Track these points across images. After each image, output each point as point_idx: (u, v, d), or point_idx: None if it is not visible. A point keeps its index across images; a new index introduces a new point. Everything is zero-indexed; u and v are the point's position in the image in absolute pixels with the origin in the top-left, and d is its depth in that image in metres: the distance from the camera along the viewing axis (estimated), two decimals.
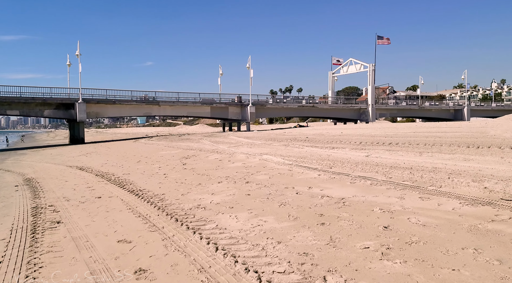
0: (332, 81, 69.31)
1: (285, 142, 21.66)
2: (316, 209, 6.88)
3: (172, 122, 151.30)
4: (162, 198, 8.78)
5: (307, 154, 15.19)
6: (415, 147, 15.29)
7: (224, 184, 9.91)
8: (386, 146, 16.06)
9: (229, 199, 8.07)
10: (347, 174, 10.08)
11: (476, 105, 72.35)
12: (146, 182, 11.37)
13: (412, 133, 19.95)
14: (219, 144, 23.73)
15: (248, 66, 54.28)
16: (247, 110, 53.01)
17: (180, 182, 10.91)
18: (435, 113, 68.74)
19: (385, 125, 40.26)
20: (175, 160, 16.80)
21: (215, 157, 16.13)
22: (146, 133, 63.90)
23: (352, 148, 16.25)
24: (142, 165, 15.74)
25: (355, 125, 46.09)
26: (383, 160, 12.34)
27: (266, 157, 14.53)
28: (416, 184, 8.56)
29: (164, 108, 49.53)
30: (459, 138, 16.04)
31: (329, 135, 23.54)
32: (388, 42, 63.62)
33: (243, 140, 25.34)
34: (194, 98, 51.94)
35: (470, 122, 34.68)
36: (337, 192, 8.17)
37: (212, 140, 27.58)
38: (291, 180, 9.76)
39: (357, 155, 13.80)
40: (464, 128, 21.34)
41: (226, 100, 54.38)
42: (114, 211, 7.82)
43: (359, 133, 23.36)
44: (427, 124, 33.55)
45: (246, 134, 35.19)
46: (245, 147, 20.06)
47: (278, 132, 32.32)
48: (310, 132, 28.56)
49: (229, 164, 13.68)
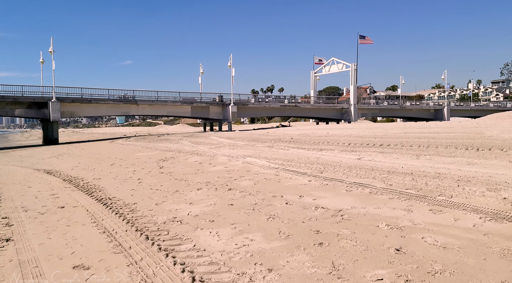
0: (314, 81, 68.85)
1: (269, 143, 20.64)
2: (310, 223, 5.92)
3: (152, 122, 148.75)
4: (134, 208, 7.76)
5: (294, 156, 14.21)
6: (409, 149, 14.44)
7: (204, 191, 8.93)
8: (378, 148, 15.18)
9: (209, 210, 7.09)
10: (341, 179, 9.11)
11: (455, 105, 73.18)
12: (118, 188, 10.31)
13: (402, 134, 19.13)
14: (200, 145, 22.62)
15: (230, 64, 53.23)
16: (228, 110, 51.96)
17: (155, 188, 9.89)
18: (415, 113, 69.12)
19: (370, 125, 39.91)
20: (152, 162, 15.71)
21: (195, 160, 15.06)
22: (124, 134, 62.07)
23: (341, 149, 15.33)
24: (116, 168, 14.61)
25: (339, 125, 45.67)
26: (378, 163, 11.44)
27: (250, 159, 13.53)
28: (422, 192, 7.58)
29: (142, 107, 48.07)
30: (454, 140, 15.32)
31: (315, 136, 22.65)
32: (370, 42, 63.55)
33: (224, 141, 24.28)
34: (174, 97, 50.62)
35: (461, 122, 34.50)
36: (333, 202, 7.20)
37: (192, 141, 26.42)
38: (278, 187, 8.76)
39: (348, 158, 12.86)
40: (457, 129, 20.80)
41: (207, 100, 53.23)
42: (76, 225, 6.78)
43: (346, 133, 22.56)
44: (416, 124, 33.21)
45: (228, 134, 34.12)
46: (227, 148, 18.99)
47: (261, 133, 31.28)
48: (294, 133, 27.63)
49: (210, 168, 12.67)
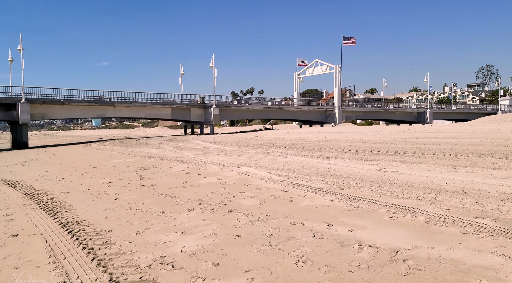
0: (298, 83, 67.71)
1: (262, 148, 18.79)
2: (363, 274, 4.00)
3: (129, 125, 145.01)
4: (108, 239, 5.97)
5: (298, 165, 12.28)
6: (435, 158, 12.37)
7: (198, 213, 7.17)
8: (394, 156, 13.29)
9: (209, 245, 5.35)
10: (373, 200, 7.17)
11: (438, 108, 73.33)
12: (89, 206, 8.46)
13: (415, 140, 17.52)
14: (183, 150, 20.68)
15: (212, 65, 51.40)
16: (210, 112, 50.09)
17: (135, 207, 8.08)
18: (399, 115, 68.78)
19: (361, 129, 38.82)
20: (131, 171, 13.79)
21: (180, 169, 13.20)
22: (100, 137, 59.22)
23: (352, 158, 13.41)
24: (88, 179, 12.65)
25: (329, 129, 44.35)
26: (408, 177, 9.37)
27: (246, 169, 11.76)
28: (504, 224, 5.37)
29: (120, 109, 45.66)
30: (484, 147, 13.69)
31: (311, 140, 21.01)
32: (354, 43, 62.81)
33: (211, 146, 22.40)
34: (153, 99, 48.48)
35: (477, 126, 33.15)
36: (380, 236, 5.23)
37: (175, 146, 24.43)
38: (293, 209, 6.93)
39: (364, 168, 10.93)
40: (477, 134, 19.39)
41: (188, 101, 51.23)
42: (28, 268, 4.99)
43: (348, 138, 20.89)
44: (422, 128, 31.83)
45: (213, 138, 32.21)
46: (215, 154, 17.13)
47: (249, 137, 29.43)
48: (287, 137, 25.81)
49: (200, 179, 10.86)
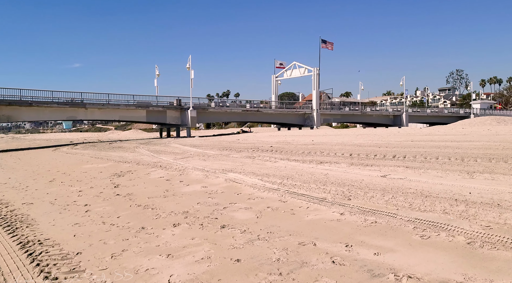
0: (276, 85, 67.14)
1: (247, 152, 17.73)
2: None
3: (102, 127, 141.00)
4: (76, 264, 4.87)
5: (291, 171, 11.23)
6: (441, 163, 11.46)
7: (185, 229, 6.13)
8: (393, 160, 12.43)
9: (203, 273, 4.32)
10: (391, 213, 6.13)
11: (413, 111, 74.25)
12: (55, 221, 7.28)
13: (410, 143, 16.81)
14: (161, 154, 19.42)
15: (188, 66, 50.04)
16: (187, 114, 48.69)
17: (110, 222, 6.97)
18: (376, 118, 69.22)
19: (348, 131, 38.27)
20: (104, 178, 12.54)
21: (159, 175, 12.04)
22: (71, 140, 56.64)
23: (348, 162, 12.47)
24: (56, 187, 11.34)
25: (311, 132, 43.71)
26: (419, 184, 8.37)
27: (234, 175, 10.73)
28: None
29: (92, 111, 43.68)
30: (490, 150, 13.00)
31: (298, 144, 20.12)
32: (332, 47, 62.78)
33: (190, 150, 21.21)
34: (128, 101, 46.67)
35: (470, 128, 33.09)
36: (416, 263, 4.19)
37: (151, 150, 23.10)
38: (298, 224, 5.88)
39: (366, 175, 9.94)
40: (475, 136, 18.88)
41: (164, 104, 49.65)
42: None
43: (337, 141, 20.06)
44: (413, 131, 31.28)
45: (191, 141, 30.93)
46: (197, 159, 15.99)
47: (230, 140, 28.33)
48: (271, 140, 24.79)
49: (183, 187, 9.77)
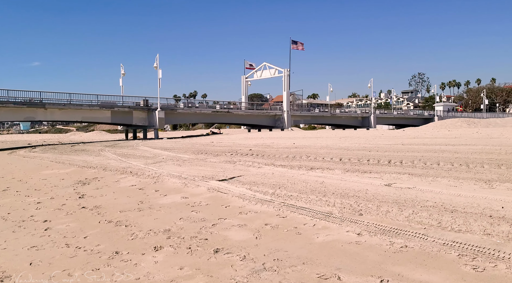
0: (246, 86, 66.25)
1: (225, 156, 16.51)
2: None
3: (62, 129, 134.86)
4: None
5: (280, 178, 10.05)
6: (446, 169, 10.47)
7: (170, 254, 4.98)
8: (391, 166, 11.47)
9: None
10: (418, 233, 5.11)
11: (380, 113, 75.40)
12: (7, 242, 5.98)
13: (401, 147, 16.03)
14: (130, 158, 17.91)
15: (156, 65, 48.16)
16: (155, 115, 46.82)
17: (75, 244, 5.71)
18: (345, 120, 69.76)
19: (328, 134, 37.63)
20: (67, 186, 11.07)
21: (131, 183, 10.70)
22: (29, 142, 53.15)
23: (343, 169, 11.43)
24: (10, 198, 9.80)
25: (286, 133, 43.00)
26: (435, 195, 7.33)
27: (217, 184, 9.57)
28: None
29: (52, 112, 41.06)
30: (494, 155, 12.36)
31: (279, 147, 19.10)
32: (302, 48, 62.62)
33: (162, 153, 19.75)
34: (91, 101, 44.26)
35: (455, 131, 33.02)
36: None
37: (118, 153, 21.45)
38: (309, 248, 4.84)
39: (368, 183, 8.84)
40: (468, 140, 18.44)
41: (130, 104, 47.54)
42: None
43: (321, 145, 19.09)
44: (400, 134, 30.59)
45: (161, 144, 29.33)
46: (171, 164, 14.65)
47: (203, 142, 26.97)
48: (248, 143, 23.59)
49: (160, 198, 8.55)
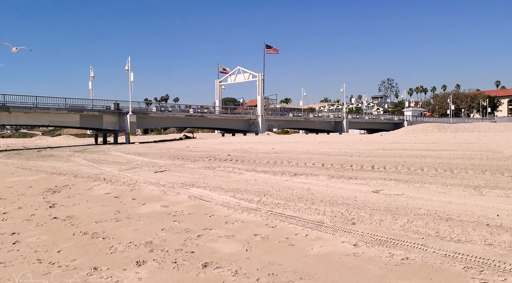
0: (219, 90, 65.87)
1: (203, 162, 15.99)
2: None
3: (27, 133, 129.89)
4: None
5: (264, 185, 9.69)
6: (430, 175, 10.29)
7: (154, 269, 4.56)
8: (376, 172, 11.31)
9: None
10: (418, 244, 4.86)
11: (352, 118, 76.61)
12: None
13: (382, 152, 15.93)
14: (102, 164, 17.15)
15: (127, 68, 47.12)
16: (126, 119, 45.66)
17: (48, 259, 5.18)
18: (318, 124, 70.43)
19: (305, 139, 37.44)
20: (35, 194, 10.35)
21: (105, 191, 10.12)
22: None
23: (327, 174, 11.18)
24: None
25: (262, 138, 42.75)
26: (427, 203, 7.14)
27: (198, 191, 9.16)
28: None
29: (16, 116, 39.30)
30: (476, 160, 12.39)
31: (258, 152, 18.75)
32: (276, 52, 62.87)
33: (136, 159, 19.06)
34: (59, 104, 42.71)
35: (432, 136, 33.47)
36: None
37: (89, 159, 20.58)
38: (304, 261, 4.55)
39: (355, 190, 8.65)
40: (447, 145, 18.55)
41: (100, 108, 46.21)
42: None
43: (302, 150, 18.83)
44: (378, 138, 30.73)
45: (134, 149, 28.46)
46: (146, 170, 14.06)
47: (179, 147, 26.31)
48: (226, 148, 23.11)
49: (138, 207, 8.07)
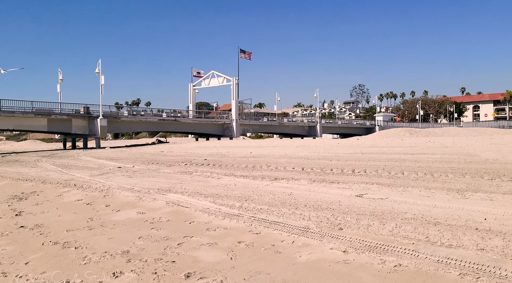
0: (193, 94, 65.21)
1: (179, 166, 15.54)
2: None
3: None
4: None
5: (244, 190, 9.37)
6: (411, 178, 10.25)
7: (133, 281, 4.25)
8: (357, 176, 11.17)
9: None
10: (409, 249, 4.67)
11: (326, 123, 77.45)
12: None
13: (361, 156, 15.93)
14: (72, 169, 16.43)
15: (98, 71, 45.88)
16: (96, 123, 44.37)
17: (14, 273, 4.77)
18: (292, 129, 70.82)
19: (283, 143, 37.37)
20: (0, 202, 9.74)
21: (76, 197, 9.61)
22: None
23: (308, 178, 10.97)
24: None
25: (237, 142, 42.44)
26: (412, 207, 6.95)
27: (176, 197, 8.81)
28: None
29: None
30: (453, 164, 12.46)
31: (236, 156, 18.44)
32: (249, 57, 62.93)
33: (108, 164, 18.38)
34: (24, 107, 41.10)
35: (408, 140, 34.10)
36: None
37: (58, 164, 19.72)
38: (293, 270, 4.32)
39: (338, 194, 8.43)
40: (425, 149, 18.68)
41: (69, 111, 44.77)
42: None
43: (280, 154, 18.69)
44: (356, 142, 30.88)
45: (106, 154, 27.57)
46: (120, 175, 13.53)
47: (153, 152, 25.63)
48: (202, 152, 22.55)
49: (112, 214, 7.67)
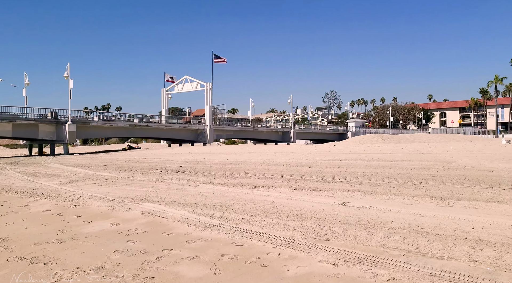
0: (166, 99, 64.18)
1: (153, 174, 14.86)
2: None
3: None
4: None
5: (224, 198, 8.96)
6: (393, 186, 10.09)
7: None
8: (338, 183, 10.87)
9: None
10: (400, 261, 4.50)
11: (299, 128, 77.80)
12: None
13: (340, 163, 15.61)
14: (39, 177, 15.49)
15: (66, 75, 44.32)
16: (65, 129, 42.78)
17: None
18: (266, 135, 70.70)
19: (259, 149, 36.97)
20: None
21: (45, 207, 8.92)
22: None
23: (289, 186, 10.63)
24: None
25: (215, 148, 41.90)
26: (397, 215, 6.78)
27: (152, 206, 8.29)
28: None
29: None
30: (432, 171, 12.37)
31: (212, 163, 17.87)
32: (224, 61, 62.58)
33: (77, 171, 17.48)
34: None
35: (384, 146, 34.70)
36: None
37: (24, 171, 18.62)
38: None
39: (321, 202, 8.16)
40: (403, 155, 18.74)
41: (36, 116, 42.97)
42: None
43: (258, 160, 18.34)
44: (332, 149, 30.75)
45: (75, 160, 26.41)
46: (91, 183, 12.79)
47: (125, 158, 24.67)
48: (177, 159, 21.88)
49: (84, 226, 7.09)
